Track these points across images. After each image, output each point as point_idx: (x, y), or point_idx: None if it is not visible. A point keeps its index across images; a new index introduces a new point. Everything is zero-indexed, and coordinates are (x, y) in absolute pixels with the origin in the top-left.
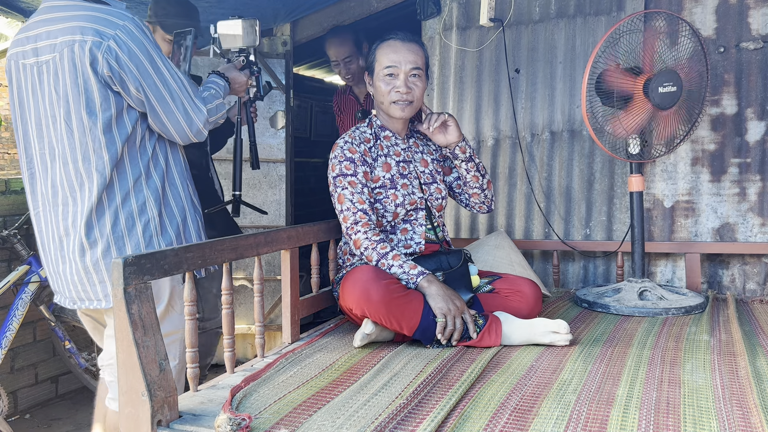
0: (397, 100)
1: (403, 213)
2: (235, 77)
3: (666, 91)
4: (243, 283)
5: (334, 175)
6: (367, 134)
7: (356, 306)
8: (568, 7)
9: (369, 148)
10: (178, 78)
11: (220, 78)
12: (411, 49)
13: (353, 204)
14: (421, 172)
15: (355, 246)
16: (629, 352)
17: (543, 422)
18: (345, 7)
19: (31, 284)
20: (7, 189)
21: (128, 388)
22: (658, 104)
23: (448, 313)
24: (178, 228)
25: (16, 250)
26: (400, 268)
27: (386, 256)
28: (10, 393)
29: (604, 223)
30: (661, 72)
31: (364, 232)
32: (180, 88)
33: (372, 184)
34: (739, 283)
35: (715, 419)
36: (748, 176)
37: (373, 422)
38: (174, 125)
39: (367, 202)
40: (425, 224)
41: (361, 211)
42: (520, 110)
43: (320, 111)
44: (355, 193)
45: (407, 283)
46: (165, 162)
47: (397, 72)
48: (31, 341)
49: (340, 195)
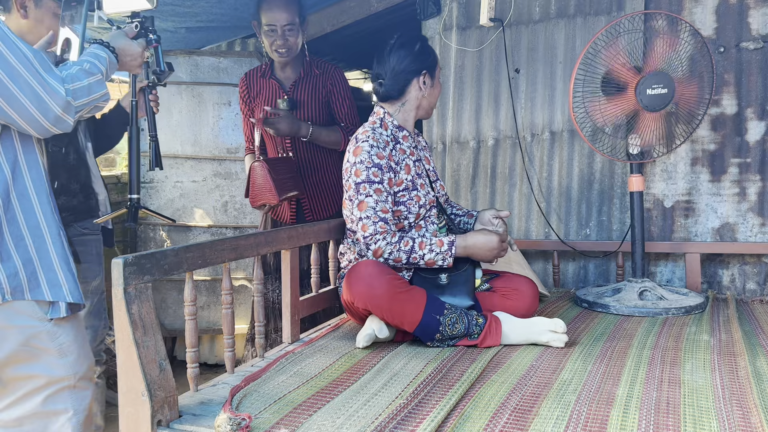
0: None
1: (423, 213)
2: (125, 47)
3: (655, 93)
4: (243, 283)
5: (359, 181)
6: (385, 136)
7: (359, 300)
8: (568, 7)
9: (391, 152)
10: (20, 52)
11: (103, 49)
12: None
13: (376, 213)
14: (428, 170)
15: (376, 255)
16: (629, 352)
17: (543, 422)
18: (345, 7)
19: None
20: None
21: (128, 388)
22: (646, 105)
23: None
24: (28, 252)
25: None
26: (431, 251)
27: (413, 250)
28: None
29: (604, 223)
30: (651, 74)
31: (383, 239)
32: (23, 63)
33: (396, 188)
34: (739, 283)
35: (715, 419)
36: (748, 176)
37: (373, 422)
38: (20, 112)
39: (390, 211)
40: (436, 222)
41: (382, 221)
42: (520, 110)
43: None
44: (379, 202)
45: (443, 261)
46: (12, 165)
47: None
48: None
49: (362, 202)
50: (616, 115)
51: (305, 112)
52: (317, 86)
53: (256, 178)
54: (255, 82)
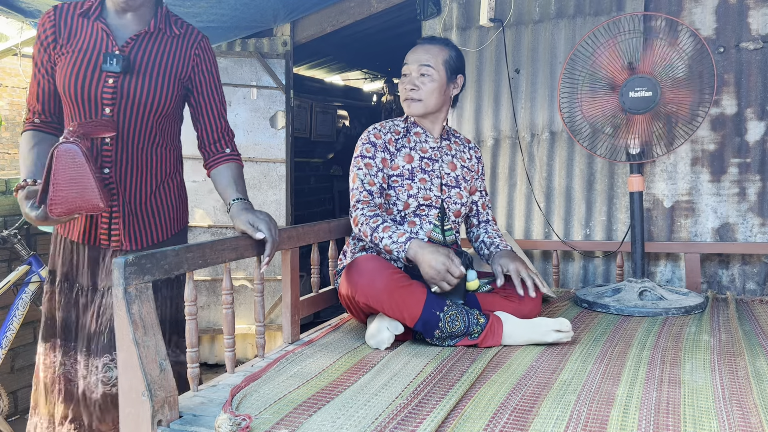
0: (403, 99)
1: (414, 205)
2: None
3: (638, 96)
4: (243, 283)
5: (355, 155)
6: (399, 127)
7: (360, 293)
8: (568, 7)
9: (396, 139)
10: None
11: None
12: (426, 49)
13: (362, 184)
14: (446, 173)
15: (354, 223)
16: (629, 352)
17: (543, 422)
18: (345, 7)
19: (31, 284)
20: (7, 189)
21: (128, 388)
22: (628, 108)
23: (435, 280)
24: None
25: (16, 250)
26: (390, 238)
27: (377, 229)
28: (10, 393)
29: (604, 223)
30: (635, 77)
31: (361, 209)
32: None
33: (390, 171)
34: (739, 283)
35: (715, 419)
36: (748, 176)
37: (373, 422)
38: None
39: (377, 185)
40: (435, 223)
41: (366, 191)
42: (520, 110)
43: (320, 111)
44: (367, 175)
45: (398, 253)
46: None
47: (409, 71)
48: (31, 341)
49: (354, 175)
50: (595, 116)
51: (142, 85)
52: (173, 52)
53: (65, 168)
54: (69, 21)
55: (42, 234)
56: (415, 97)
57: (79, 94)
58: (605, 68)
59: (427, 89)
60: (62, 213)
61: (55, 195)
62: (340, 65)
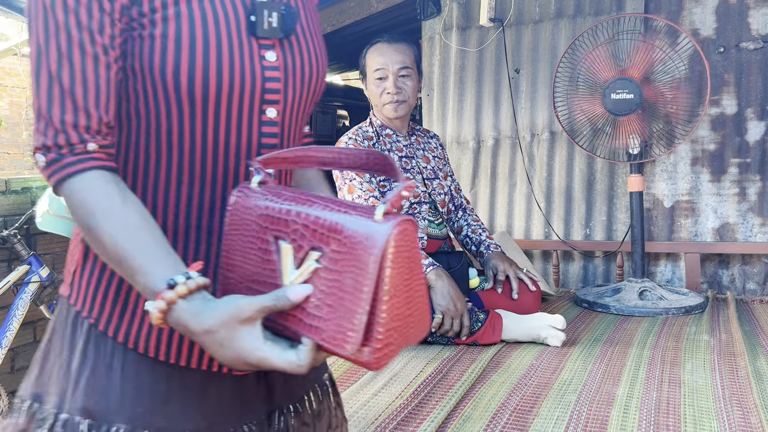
0: (389, 101)
1: (407, 205)
2: None
3: (619, 98)
4: None
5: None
6: (370, 132)
7: None
8: (568, 7)
9: (372, 144)
10: None
11: None
12: (398, 50)
13: (363, 191)
14: (423, 167)
15: None
16: (629, 352)
17: (543, 422)
18: (345, 7)
19: (31, 284)
20: (7, 189)
21: None
22: (610, 109)
23: (447, 313)
24: None
25: (16, 250)
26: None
27: None
28: (10, 393)
29: (604, 223)
30: (616, 79)
31: None
32: None
33: (377, 177)
34: (739, 283)
35: (715, 419)
36: (748, 176)
37: (373, 422)
38: None
39: (376, 190)
40: (429, 218)
41: (373, 197)
42: (520, 110)
43: (320, 111)
44: (364, 182)
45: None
46: None
47: (386, 74)
48: (31, 341)
49: (350, 186)
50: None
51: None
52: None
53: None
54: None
55: (42, 234)
56: (401, 99)
57: (221, 85)
58: (592, 69)
59: (410, 89)
60: (391, 356)
61: (387, 325)
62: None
